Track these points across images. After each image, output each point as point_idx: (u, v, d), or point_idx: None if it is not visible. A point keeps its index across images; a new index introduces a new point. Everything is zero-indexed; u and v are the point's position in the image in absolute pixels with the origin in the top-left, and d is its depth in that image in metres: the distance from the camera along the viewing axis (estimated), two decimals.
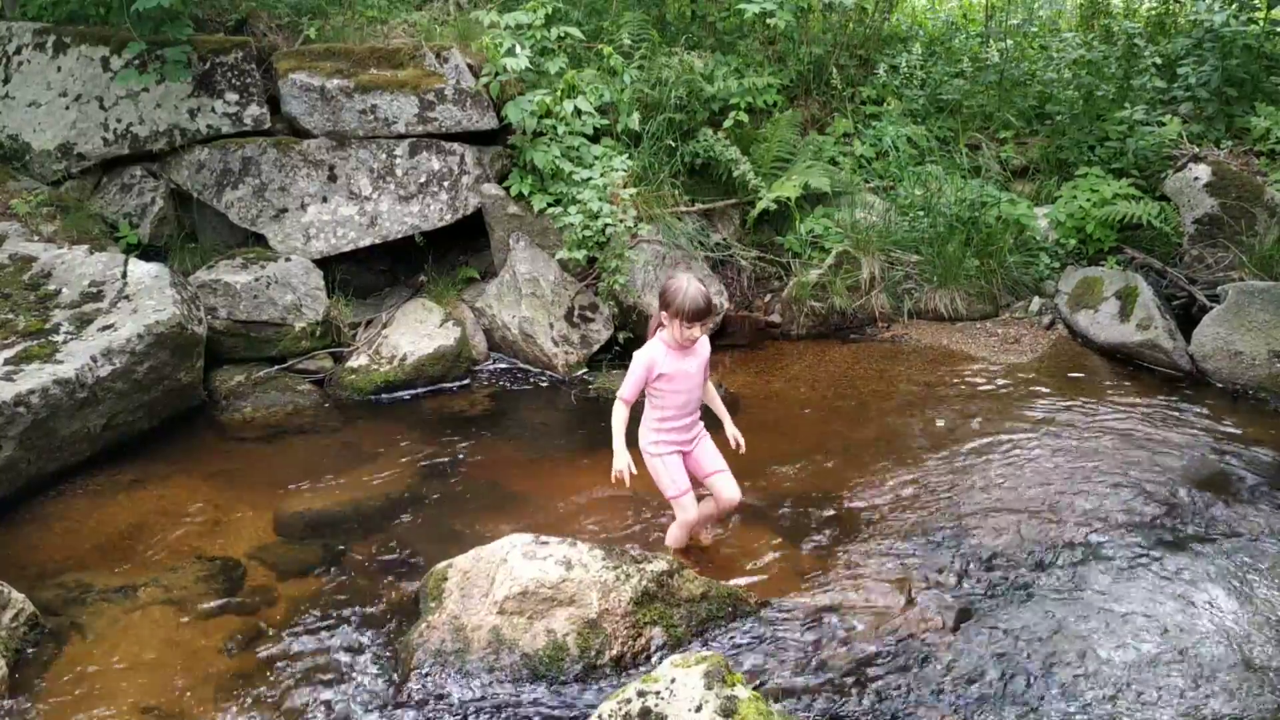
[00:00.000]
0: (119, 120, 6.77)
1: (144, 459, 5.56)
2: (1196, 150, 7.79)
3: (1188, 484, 5.03)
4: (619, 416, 4.25)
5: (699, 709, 2.89)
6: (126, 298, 5.82)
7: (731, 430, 4.50)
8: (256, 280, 6.54)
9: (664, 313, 4.17)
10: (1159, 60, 8.45)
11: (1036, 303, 7.50)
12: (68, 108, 6.77)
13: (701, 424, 4.45)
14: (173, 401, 5.88)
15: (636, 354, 4.26)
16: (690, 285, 4.10)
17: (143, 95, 6.77)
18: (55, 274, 5.98)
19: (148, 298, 5.80)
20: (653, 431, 4.36)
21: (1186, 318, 6.87)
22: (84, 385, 5.27)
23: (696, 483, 4.43)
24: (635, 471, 4.17)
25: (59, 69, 6.80)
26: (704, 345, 4.35)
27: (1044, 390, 6.27)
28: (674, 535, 4.49)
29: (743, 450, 4.47)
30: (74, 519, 4.96)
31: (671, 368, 4.22)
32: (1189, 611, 4.03)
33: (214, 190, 6.89)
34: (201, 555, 4.64)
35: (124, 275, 5.97)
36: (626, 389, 4.25)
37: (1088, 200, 7.63)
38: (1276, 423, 5.83)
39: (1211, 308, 6.59)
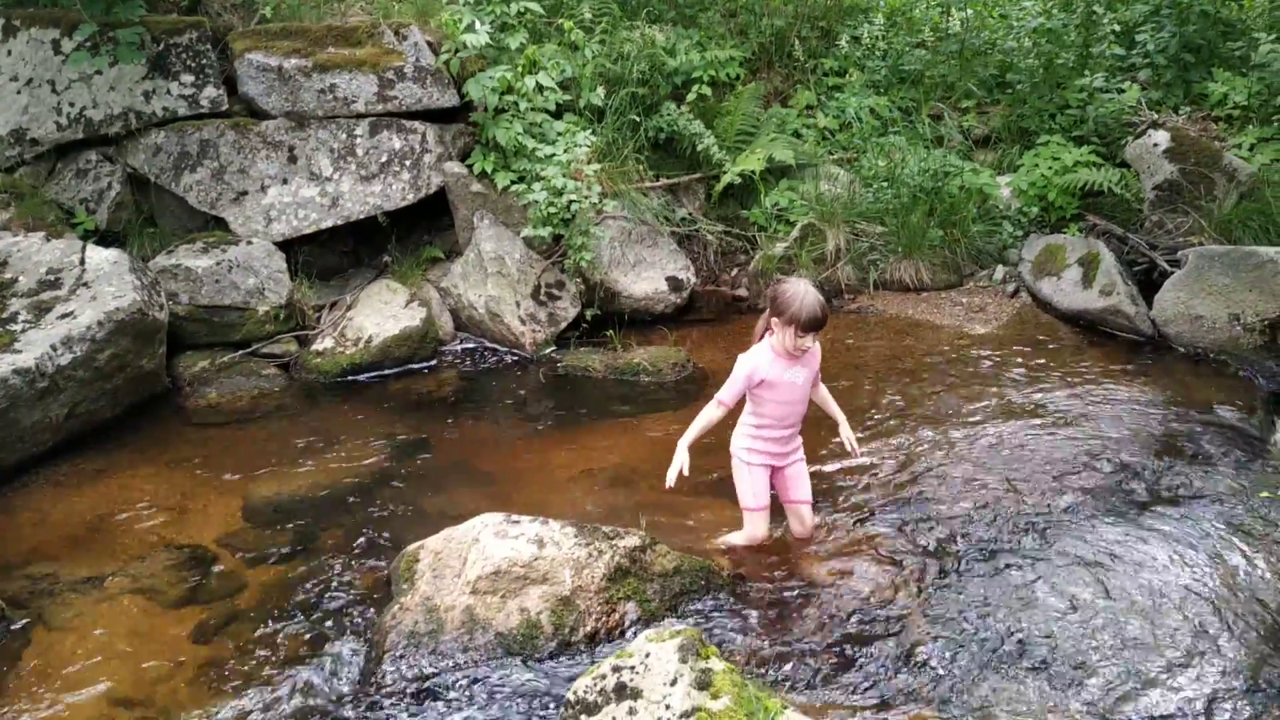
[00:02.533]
0: (72, 104, 6.64)
1: (108, 448, 5.50)
2: (1155, 117, 7.86)
3: (1152, 447, 5.10)
4: (707, 416, 4.03)
5: (674, 682, 2.90)
6: (85, 285, 5.73)
7: (846, 433, 4.30)
8: (218, 264, 6.46)
9: (775, 319, 3.92)
10: (1117, 27, 8.50)
11: (1000, 271, 7.56)
12: (19, 92, 6.63)
13: (800, 443, 4.27)
14: (136, 389, 5.81)
15: (741, 357, 4.04)
16: (808, 294, 3.83)
17: (95, 78, 6.64)
18: (11, 262, 5.87)
19: (107, 284, 5.72)
20: (747, 437, 4.16)
21: (1148, 283, 6.94)
22: (44, 374, 5.20)
23: (777, 503, 4.29)
24: (686, 474, 3.96)
25: (9, 53, 6.65)
26: (814, 356, 4.10)
27: (1009, 358, 6.33)
28: (733, 540, 4.32)
29: (857, 456, 4.39)
30: (39, 510, 4.90)
31: (775, 375, 3.99)
32: (1157, 573, 4.08)
33: (172, 174, 6.78)
34: (169, 543, 4.60)
35: (82, 262, 5.88)
36: (725, 392, 4.02)
37: (1049, 168, 7.68)
38: (1236, 385, 5.91)
39: (1172, 273, 6.66)
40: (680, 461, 3.98)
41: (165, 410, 5.96)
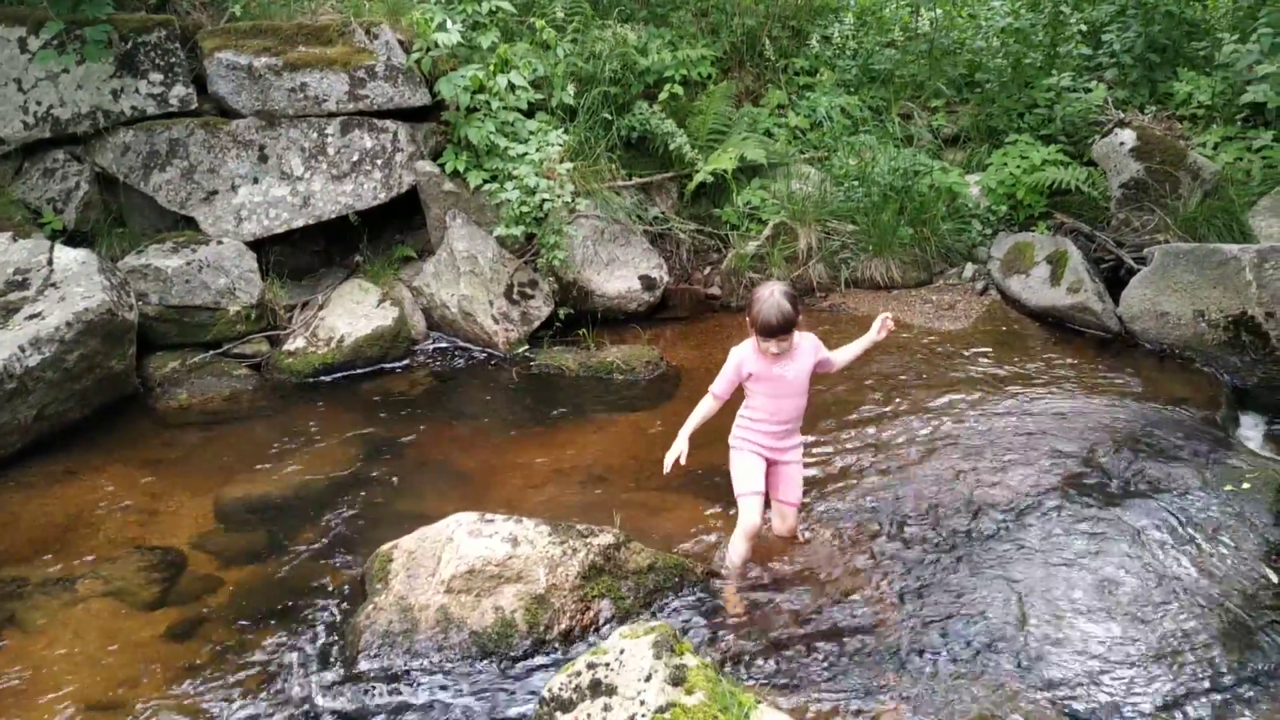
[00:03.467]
0: (39, 103, 6.58)
1: (78, 449, 5.45)
2: (1122, 116, 7.95)
3: (1118, 442, 5.16)
4: (700, 408, 4.06)
5: (648, 678, 2.92)
6: (54, 285, 5.68)
7: (875, 330, 4.27)
8: (188, 264, 6.42)
9: (748, 317, 3.97)
10: (1084, 27, 8.59)
11: (969, 269, 7.62)
12: None
13: (799, 443, 4.24)
14: (105, 390, 5.76)
15: (733, 349, 4.08)
16: (769, 299, 3.83)
17: (63, 76, 6.57)
18: None
19: (75, 285, 5.67)
20: (739, 425, 4.17)
21: (1115, 280, 7.02)
22: (12, 376, 5.15)
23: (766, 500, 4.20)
24: (684, 462, 3.95)
25: None
26: (806, 354, 4.08)
27: (978, 355, 6.39)
28: (734, 547, 4.14)
29: (891, 324, 4.30)
30: (8, 512, 4.85)
31: (761, 370, 4.01)
32: (1126, 567, 4.14)
33: (141, 173, 6.73)
34: (141, 545, 4.57)
35: (50, 262, 5.83)
36: (717, 383, 4.04)
37: (1018, 167, 7.75)
38: (1201, 380, 5.99)
39: (1138, 270, 6.74)
40: (679, 449, 3.97)
41: (135, 411, 5.92)
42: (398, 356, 6.68)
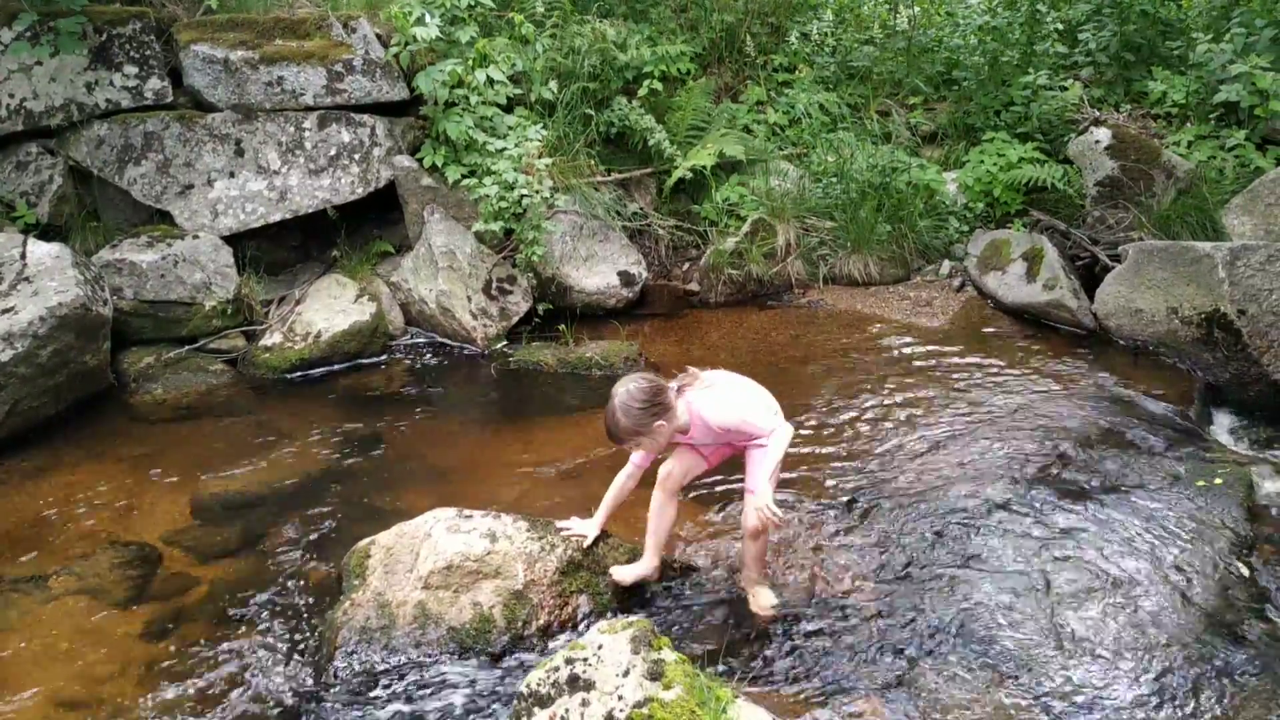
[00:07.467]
0: (11, 95, 6.50)
1: (51, 445, 5.41)
2: (1097, 114, 8.01)
3: (1092, 438, 5.20)
4: (614, 481, 3.95)
5: (626, 673, 2.93)
6: (26, 279, 5.63)
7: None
8: (163, 259, 6.38)
9: None
10: (1060, 26, 8.65)
11: (946, 266, 7.66)
12: None
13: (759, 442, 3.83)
14: (79, 385, 5.72)
15: None
16: (612, 400, 3.60)
17: (36, 69, 6.50)
18: None
19: (49, 279, 5.62)
20: None
21: (1090, 277, 7.07)
22: None
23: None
24: (586, 545, 3.89)
25: None
26: (703, 429, 3.77)
27: (955, 351, 6.42)
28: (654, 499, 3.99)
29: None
30: None
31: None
32: (1097, 564, 4.17)
33: (115, 167, 6.67)
34: (115, 541, 4.54)
35: (23, 256, 5.77)
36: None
37: (994, 164, 7.80)
38: (1174, 377, 6.04)
39: (1113, 267, 6.78)
40: (592, 533, 3.90)
41: (110, 407, 5.87)
42: (375, 352, 6.65)
